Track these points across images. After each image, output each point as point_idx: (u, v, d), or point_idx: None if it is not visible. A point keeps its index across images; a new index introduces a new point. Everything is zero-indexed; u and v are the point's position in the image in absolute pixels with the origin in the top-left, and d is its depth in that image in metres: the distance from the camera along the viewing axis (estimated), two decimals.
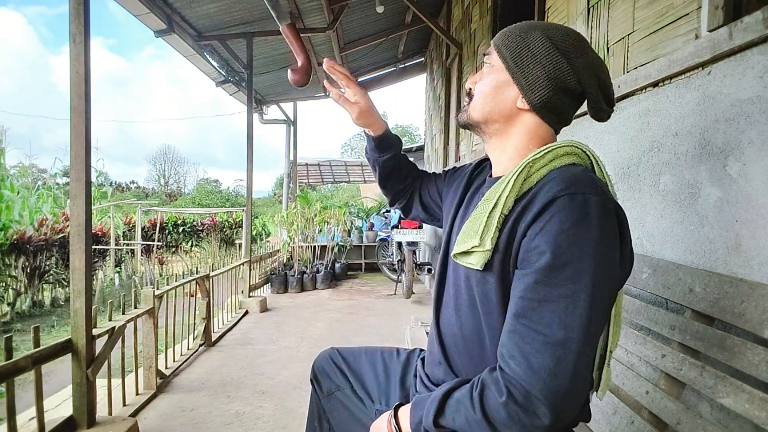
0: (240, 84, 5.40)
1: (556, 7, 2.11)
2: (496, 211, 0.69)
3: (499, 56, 0.78)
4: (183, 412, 2.06)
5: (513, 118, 0.78)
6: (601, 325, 0.66)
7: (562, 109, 0.78)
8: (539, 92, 0.75)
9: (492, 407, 0.63)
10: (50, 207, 7.59)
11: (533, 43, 0.75)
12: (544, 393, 0.59)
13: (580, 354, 0.60)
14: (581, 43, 0.76)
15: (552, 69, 0.74)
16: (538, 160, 0.71)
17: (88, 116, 1.64)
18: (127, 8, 3.26)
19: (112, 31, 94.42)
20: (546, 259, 0.62)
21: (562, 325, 0.60)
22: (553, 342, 0.60)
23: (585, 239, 0.61)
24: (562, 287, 0.61)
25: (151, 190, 33.10)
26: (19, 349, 3.54)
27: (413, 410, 0.74)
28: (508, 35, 0.78)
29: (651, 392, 1.06)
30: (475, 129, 0.83)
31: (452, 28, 4.94)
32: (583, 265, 0.61)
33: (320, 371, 1.06)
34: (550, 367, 0.59)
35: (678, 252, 1.20)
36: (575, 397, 0.61)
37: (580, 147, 0.75)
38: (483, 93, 0.79)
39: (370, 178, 13.93)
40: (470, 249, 0.70)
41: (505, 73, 0.77)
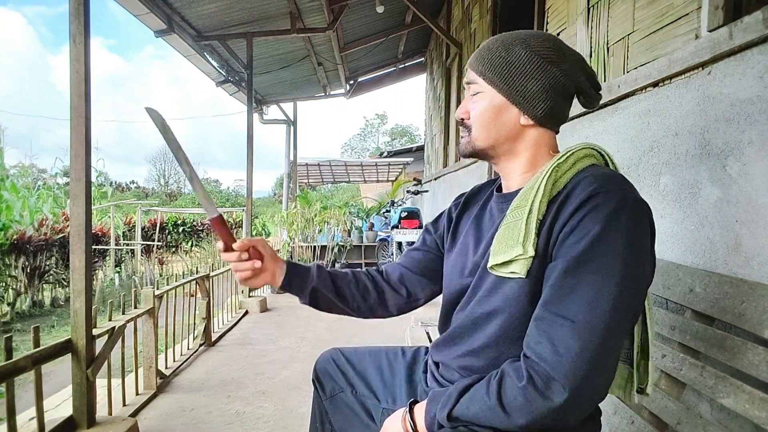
0: (240, 84, 5.40)
1: (556, 7, 2.11)
2: (532, 216, 0.69)
3: (486, 81, 0.78)
4: (183, 412, 2.06)
5: (519, 136, 0.78)
6: (629, 320, 0.66)
7: (562, 112, 0.79)
8: (540, 106, 0.75)
9: (509, 393, 0.63)
10: (50, 207, 7.59)
11: (518, 60, 0.75)
12: (565, 374, 0.59)
13: (604, 342, 0.60)
14: (559, 44, 0.77)
15: (546, 80, 0.74)
16: (562, 164, 0.72)
17: (88, 116, 1.64)
18: (127, 8, 3.26)
19: (112, 31, 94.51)
20: (578, 250, 0.63)
21: (589, 312, 0.61)
22: (580, 327, 0.61)
23: (619, 233, 0.62)
24: (591, 276, 0.62)
25: (151, 190, 33.09)
26: (19, 349, 3.54)
27: (429, 405, 0.73)
28: (489, 57, 0.77)
29: (651, 392, 1.06)
30: (481, 156, 0.82)
31: (452, 28, 4.94)
32: (614, 258, 0.62)
33: (322, 372, 1.05)
34: (576, 350, 0.60)
35: (678, 252, 1.20)
36: (594, 384, 0.61)
37: (595, 148, 0.76)
38: (483, 121, 0.78)
39: (370, 178, 13.93)
40: (513, 258, 0.69)
41: (498, 96, 0.77)
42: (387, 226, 6.18)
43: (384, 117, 42.87)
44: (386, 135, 41.56)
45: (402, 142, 35.26)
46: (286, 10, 4.24)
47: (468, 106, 0.81)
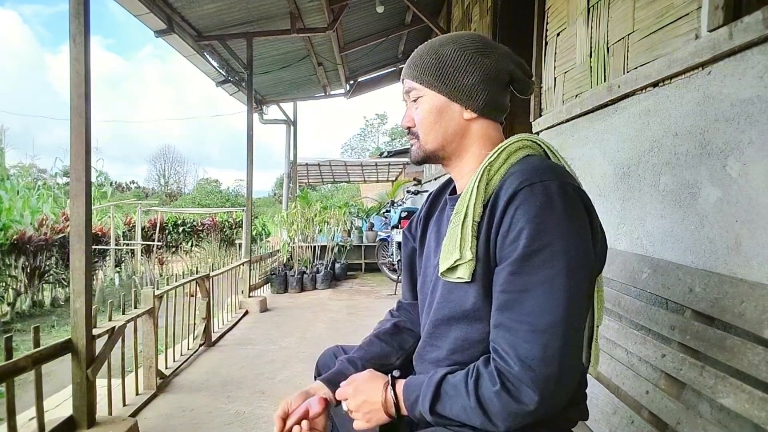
0: (240, 84, 5.40)
1: (556, 7, 2.11)
2: (468, 221, 0.71)
3: (423, 85, 0.80)
4: (183, 412, 2.06)
5: (465, 131, 0.80)
6: (585, 305, 0.66)
7: (501, 101, 0.81)
8: (480, 97, 0.78)
9: (486, 396, 0.64)
10: (50, 207, 7.59)
11: (450, 58, 0.77)
12: (534, 381, 0.61)
13: (566, 337, 0.61)
14: (485, 39, 0.80)
15: (479, 71, 0.77)
16: (494, 161, 0.74)
17: (88, 116, 1.64)
18: (127, 8, 3.26)
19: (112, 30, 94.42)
20: (519, 250, 0.64)
21: (545, 312, 0.62)
22: (539, 329, 0.62)
23: (552, 223, 0.63)
24: (538, 274, 0.63)
25: (151, 190, 33.10)
26: (19, 349, 3.54)
27: (406, 391, 0.74)
28: (420, 62, 0.80)
29: (651, 392, 1.06)
30: (432, 159, 0.84)
31: (452, 28, 4.94)
32: (555, 249, 0.62)
33: (324, 368, 1.05)
34: (538, 354, 0.61)
35: (678, 252, 1.20)
36: (565, 381, 0.63)
37: (530, 139, 0.77)
38: (428, 123, 0.80)
39: (370, 178, 13.93)
40: (454, 264, 0.72)
41: (437, 96, 0.79)
42: (387, 226, 6.18)
43: (384, 117, 42.87)
44: (386, 135, 41.55)
45: (402, 142, 35.24)
46: (286, 10, 4.24)
47: (411, 113, 0.83)
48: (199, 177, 36.48)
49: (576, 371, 0.65)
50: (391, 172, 13.00)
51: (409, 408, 0.73)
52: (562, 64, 2.05)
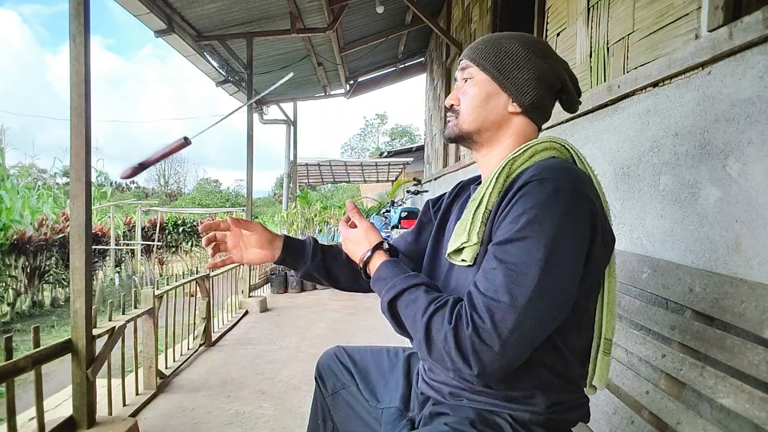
0: (240, 84, 5.40)
1: (556, 7, 2.11)
2: (481, 208, 0.73)
3: (479, 69, 0.81)
4: (183, 412, 2.06)
5: (504, 123, 0.82)
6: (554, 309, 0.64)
7: (547, 106, 0.83)
8: (529, 94, 0.79)
9: (436, 325, 0.66)
10: (50, 207, 7.59)
11: (512, 52, 0.80)
12: (475, 349, 0.62)
13: (520, 322, 0.61)
14: (547, 45, 0.84)
15: (536, 71, 0.79)
16: (518, 157, 0.75)
17: (88, 116, 1.63)
18: (127, 8, 3.26)
19: (112, 30, 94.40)
20: (508, 234, 0.65)
21: (508, 293, 0.62)
22: (497, 307, 0.62)
23: (546, 219, 0.63)
24: (515, 258, 0.63)
25: (151, 190, 33.10)
26: (19, 349, 3.54)
27: (382, 270, 0.79)
28: (483, 48, 0.82)
29: (651, 392, 1.06)
30: (466, 141, 0.85)
31: (452, 28, 4.94)
32: (540, 240, 0.63)
33: (325, 369, 1.05)
34: (489, 329, 0.62)
35: (678, 252, 1.20)
36: (503, 361, 0.63)
37: (558, 141, 0.77)
38: (473, 105, 0.81)
39: (370, 178, 13.93)
40: (460, 246, 0.74)
41: (490, 83, 0.80)
42: (387, 226, 6.18)
43: (384, 117, 42.88)
44: (386, 135, 41.57)
45: (402, 142, 35.27)
46: (286, 10, 4.24)
47: (458, 93, 0.84)
48: (199, 177, 36.52)
49: (519, 356, 0.64)
50: (391, 172, 13.01)
51: (373, 281, 0.80)
52: None
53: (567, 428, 0.76)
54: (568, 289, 0.65)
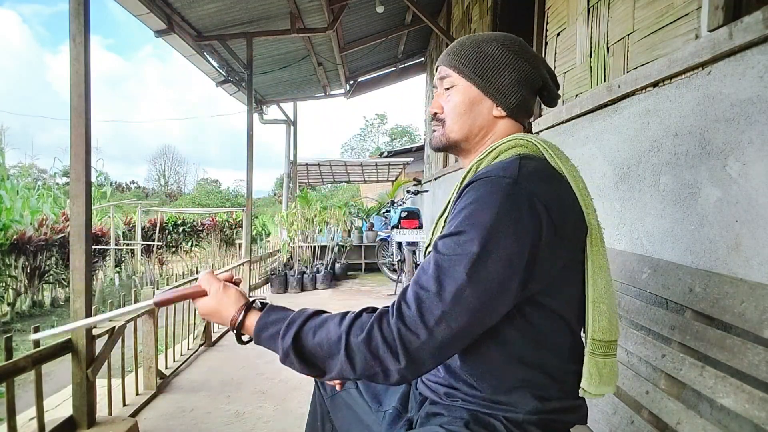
0: (240, 84, 5.40)
1: (556, 7, 2.11)
2: (446, 212, 0.76)
3: (460, 75, 0.81)
4: (183, 412, 2.06)
5: (490, 127, 0.82)
6: (485, 300, 0.63)
7: (530, 105, 0.83)
8: (513, 97, 0.79)
9: (355, 330, 0.66)
10: (50, 207, 7.58)
11: (492, 55, 0.79)
12: (402, 338, 0.62)
13: (445, 313, 0.61)
14: (525, 44, 0.82)
15: (517, 73, 0.79)
16: (483, 160, 0.75)
17: (88, 116, 1.64)
18: (127, 8, 3.26)
19: (112, 30, 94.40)
20: (447, 229, 0.67)
21: (437, 283, 0.63)
22: (425, 297, 0.63)
23: (483, 213, 0.64)
24: (449, 251, 0.64)
25: (151, 190, 33.11)
26: (19, 349, 3.54)
27: (266, 317, 0.73)
28: (462, 54, 0.81)
29: (651, 392, 1.06)
30: (454, 149, 0.85)
31: (452, 28, 4.94)
32: (473, 235, 0.63)
33: None
34: (415, 316, 0.62)
35: (678, 252, 1.20)
36: (430, 350, 0.62)
37: (525, 138, 0.76)
38: (458, 113, 0.81)
39: (370, 178, 13.92)
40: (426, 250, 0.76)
41: (472, 88, 0.80)
42: (387, 226, 6.17)
43: (384, 117, 42.86)
44: (386, 135, 41.55)
45: (402, 142, 35.25)
46: (286, 10, 4.24)
47: (440, 101, 0.84)
48: (198, 177, 36.54)
49: (446, 348, 0.64)
50: (391, 172, 13.00)
51: (258, 333, 0.72)
52: (562, 64, 2.05)
53: (564, 429, 0.76)
54: (501, 282, 0.63)
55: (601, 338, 0.72)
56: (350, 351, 0.65)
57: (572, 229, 0.70)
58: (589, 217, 0.72)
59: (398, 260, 4.97)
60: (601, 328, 0.72)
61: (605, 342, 0.72)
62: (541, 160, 0.73)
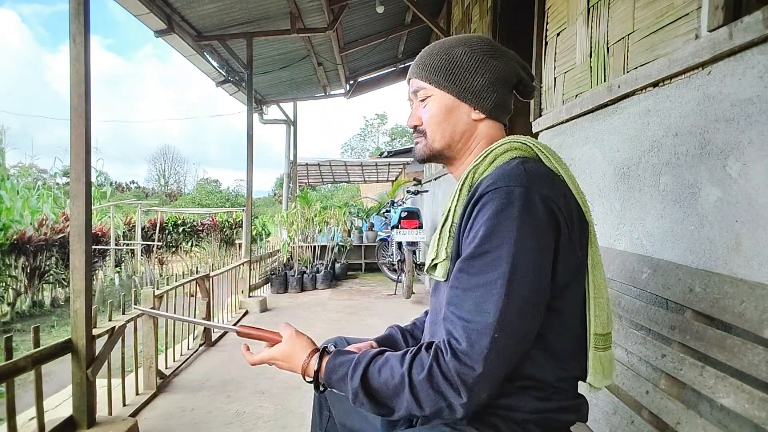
0: (240, 84, 5.40)
1: (556, 7, 2.11)
2: (448, 223, 0.74)
3: (433, 85, 0.81)
4: (183, 412, 2.06)
5: (471, 131, 0.82)
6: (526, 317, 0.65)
7: (507, 103, 0.84)
8: (489, 98, 0.80)
9: (416, 368, 0.66)
10: (50, 207, 7.58)
11: (461, 59, 0.79)
12: (459, 374, 0.63)
13: (495, 339, 0.62)
14: (494, 42, 0.83)
15: (490, 73, 0.79)
16: (480, 165, 0.75)
17: (88, 116, 1.64)
18: (127, 8, 3.26)
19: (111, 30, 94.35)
20: (470, 249, 0.66)
21: (479, 312, 0.63)
22: (472, 328, 0.63)
23: (504, 228, 0.64)
24: (480, 275, 0.64)
25: (151, 190, 33.11)
26: (19, 349, 3.54)
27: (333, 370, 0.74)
28: (431, 63, 0.81)
29: (651, 392, 1.06)
30: (438, 158, 0.85)
31: (452, 28, 4.94)
32: (500, 253, 0.63)
33: None
34: (467, 350, 0.63)
35: (678, 252, 1.20)
36: (487, 380, 0.63)
37: (519, 141, 0.76)
38: (436, 122, 0.82)
39: (370, 178, 13.91)
40: (432, 263, 0.75)
41: (447, 96, 0.81)
42: (387, 226, 6.17)
43: (384, 117, 42.86)
44: (386, 135, 41.55)
45: (402, 142, 35.23)
46: (286, 10, 4.24)
47: (418, 112, 0.84)
48: (198, 177, 36.53)
49: (502, 372, 0.65)
50: (391, 172, 13.00)
51: (328, 376, 0.74)
52: (562, 64, 2.05)
53: (564, 428, 0.76)
54: (537, 294, 0.66)
55: (601, 332, 0.74)
56: (414, 389, 0.66)
57: (578, 229, 0.71)
58: (587, 214, 0.74)
59: (398, 260, 4.97)
60: (602, 322, 0.74)
61: (604, 335, 0.75)
62: (538, 162, 0.74)
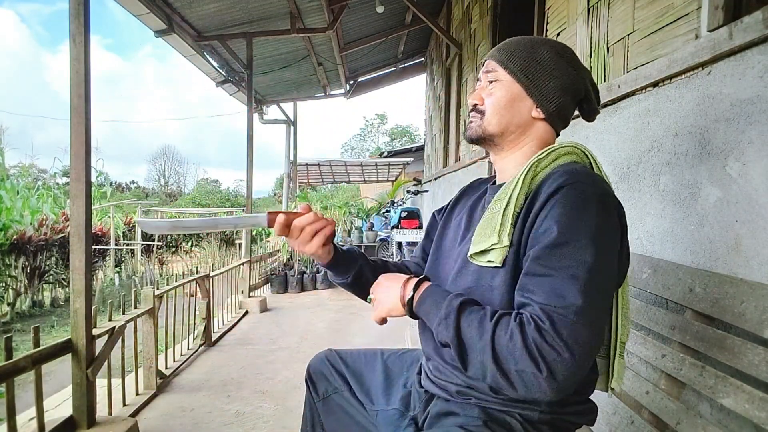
0: (240, 84, 5.40)
1: (556, 7, 2.11)
2: (510, 209, 0.73)
3: (507, 71, 0.82)
4: (183, 412, 2.06)
5: (527, 127, 0.82)
6: (599, 308, 0.64)
7: (568, 114, 0.85)
8: (554, 101, 0.81)
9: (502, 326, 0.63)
10: (50, 207, 7.58)
11: (542, 57, 0.80)
12: (539, 348, 0.59)
13: (577, 327, 0.59)
14: (575, 54, 0.85)
15: (563, 79, 0.80)
16: (542, 159, 0.75)
17: (88, 116, 1.63)
18: (126, 8, 3.25)
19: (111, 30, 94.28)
20: (548, 239, 0.65)
21: (560, 297, 0.61)
22: (553, 311, 0.61)
23: (584, 222, 0.65)
24: (561, 262, 0.64)
25: (151, 190, 33.10)
26: (19, 349, 3.54)
27: (428, 292, 0.74)
28: (513, 51, 0.82)
29: (651, 392, 1.06)
30: (488, 142, 0.85)
31: (452, 28, 4.94)
32: (581, 244, 0.64)
33: (316, 373, 1.04)
34: (550, 329, 0.60)
35: (678, 252, 1.20)
36: (572, 368, 0.59)
37: (579, 147, 0.78)
38: (498, 106, 0.82)
39: (370, 178, 13.92)
40: (489, 247, 0.73)
41: (516, 86, 0.81)
42: (387, 226, 6.18)
43: (384, 117, 42.86)
44: (386, 135, 41.55)
45: (402, 142, 35.24)
46: (286, 10, 4.24)
47: (482, 93, 0.84)
48: (198, 177, 36.52)
49: (584, 365, 0.61)
50: (391, 172, 13.00)
51: (419, 305, 0.74)
52: None
53: (571, 429, 0.76)
54: (611, 290, 0.68)
55: (624, 340, 0.79)
56: (495, 341, 0.63)
57: (626, 238, 0.74)
58: None
59: (398, 260, 4.97)
60: (627, 331, 0.78)
61: (623, 343, 0.79)
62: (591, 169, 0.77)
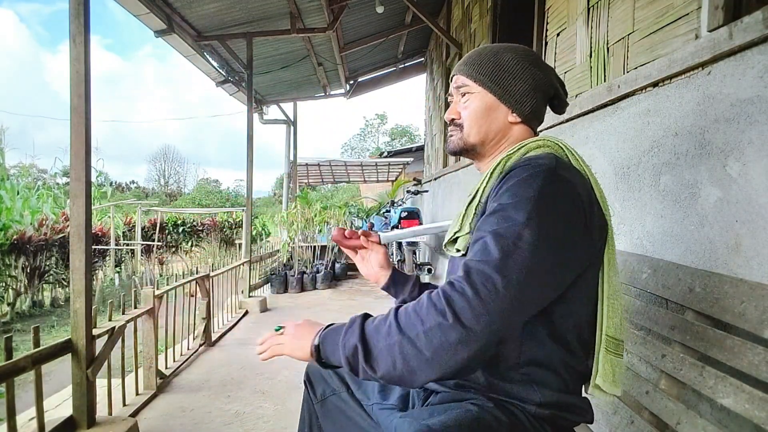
0: (240, 84, 5.40)
1: (556, 7, 2.11)
2: (475, 200, 0.78)
3: (477, 83, 0.85)
4: (183, 412, 2.06)
5: (505, 132, 0.86)
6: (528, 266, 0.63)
7: (542, 112, 0.88)
8: (528, 104, 0.84)
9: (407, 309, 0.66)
10: (50, 207, 7.58)
11: (508, 64, 0.84)
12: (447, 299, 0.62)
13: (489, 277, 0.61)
14: (538, 55, 0.89)
15: (532, 81, 0.84)
16: (513, 154, 0.79)
17: (88, 116, 1.63)
18: (126, 8, 3.25)
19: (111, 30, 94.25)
20: (490, 209, 0.69)
21: (486, 253, 0.64)
22: (482, 264, 0.63)
23: (523, 189, 0.67)
24: (491, 225, 0.67)
25: (151, 190, 33.11)
26: (19, 349, 3.54)
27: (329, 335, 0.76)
28: (480, 62, 0.85)
29: (651, 392, 1.06)
30: (470, 152, 0.89)
31: (452, 28, 4.94)
32: (514, 206, 0.66)
33: (314, 374, 1.03)
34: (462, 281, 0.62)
35: (678, 252, 1.20)
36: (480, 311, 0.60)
37: (552, 140, 0.80)
38: (475, 117, 0.85)
39: (370, 178, 13.92)
40: (455, 236, 0.78)
41: (489, 96, 0.84)
42: (387, 227, 6.17)
43: (384, 117, 42.85)
44: (386, 135, 41.54)
45: (402, 142, 35.24)
46: (286, 10, 4.24)
47: (458, 108, 0.88)
48: (198, 177, 36.53)
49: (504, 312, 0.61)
50: (391, 172, 13.00)
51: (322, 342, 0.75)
52: (562, 64, 2.05)
53: (569, 426, 0.76)
54: (557, 256, 0.66)
55: (613, 335, 0.75)
56: (398, 318, 0.66)
57: (597, 225, 0.72)
58: (608, 217, 0.76)
59: (398, 260, 4.97)
60: (615, 324, 0.75)
61: (616, 340, 0.75)
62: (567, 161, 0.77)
